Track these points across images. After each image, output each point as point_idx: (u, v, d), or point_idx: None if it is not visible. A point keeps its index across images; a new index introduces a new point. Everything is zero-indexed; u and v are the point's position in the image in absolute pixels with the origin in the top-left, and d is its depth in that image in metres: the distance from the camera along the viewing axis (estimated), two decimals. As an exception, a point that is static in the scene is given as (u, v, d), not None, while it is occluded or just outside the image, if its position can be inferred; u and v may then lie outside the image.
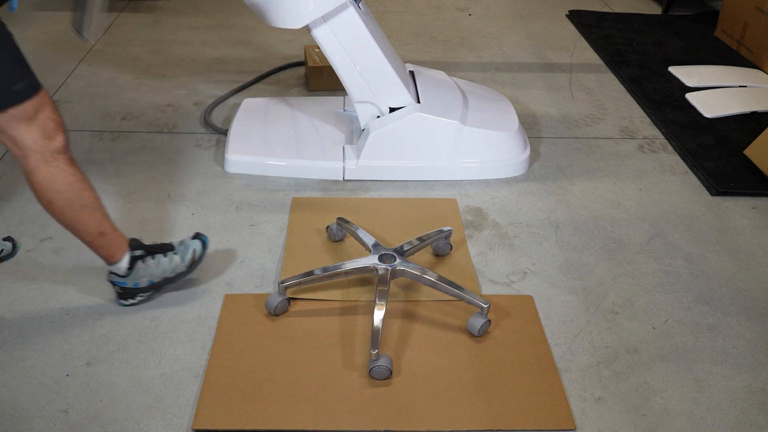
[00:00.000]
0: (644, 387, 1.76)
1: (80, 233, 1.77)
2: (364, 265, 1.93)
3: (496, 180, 2.57)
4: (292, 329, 1.88)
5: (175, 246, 1.95)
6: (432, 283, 1.91)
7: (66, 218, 1.73)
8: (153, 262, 1.89)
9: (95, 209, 1.76)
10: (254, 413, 1.64)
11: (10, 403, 1.65)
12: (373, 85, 2.44)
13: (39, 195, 1.68)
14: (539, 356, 1.82)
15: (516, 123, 2.64)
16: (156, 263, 1.90)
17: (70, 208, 1.71)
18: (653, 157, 2.79)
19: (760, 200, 2.53)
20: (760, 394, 1.76)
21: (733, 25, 3.80)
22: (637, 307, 2.02)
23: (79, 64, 3.35)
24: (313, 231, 2.26)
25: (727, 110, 3.09)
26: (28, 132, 1.60)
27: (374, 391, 1.71)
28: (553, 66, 3.57)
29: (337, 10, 2.27)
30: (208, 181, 2.49)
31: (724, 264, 2.21)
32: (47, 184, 1.66)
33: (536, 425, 1.64)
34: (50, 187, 1.66)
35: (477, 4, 4.41)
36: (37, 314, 1.90)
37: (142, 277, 1.89)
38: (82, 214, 1.73)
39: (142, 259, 1.88)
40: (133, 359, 1.78)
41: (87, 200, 1.73)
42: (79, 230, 1.76)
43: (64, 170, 1.67)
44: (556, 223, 2.36)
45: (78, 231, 1.77)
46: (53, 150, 1.65)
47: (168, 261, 1.91)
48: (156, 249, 1.92)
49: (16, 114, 1.57)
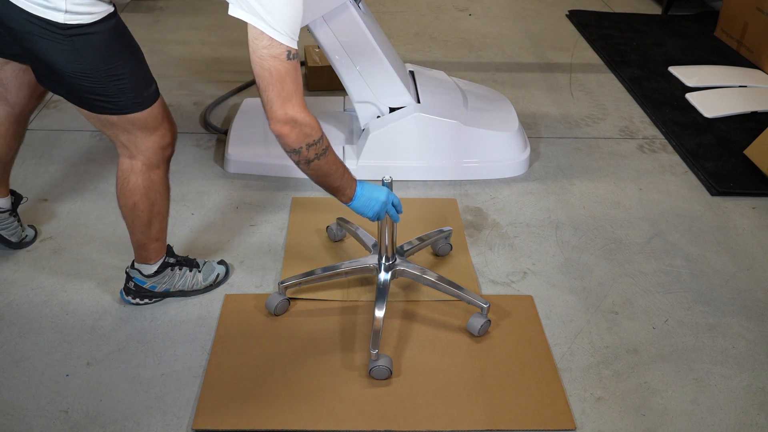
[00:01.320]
0: (644, 387, 1.76)
1: (139, 235, 1.79)
2: (364, 265, 1.93)
3: (496, 180, 2.57)
4: (292, 329, 1.88)
5: (200, 265, 1.96)
6: (432, 283, 1.91)
7: (139, 220, 1.75)
8: (179, 273, 1.92)
9: (164, 218, 1.81)
10: (254, 413, 1.64)
11: (10, 403, 1.65)
12: (373, 85, 2.44)
13: (128, 195, 1.70)
14: (539, 356, 1.82)
15: (516, 123, 2.64)
16: (181, 275, 1.92)
17: (149, 212, 1.74)
18: (653, 157, 2.79)
19: (760, 200, 2.53)
20: (760, 394, 1.76)
21: (733, 25, 3.80)
22: (637, 307, 2.02)
23: (79, 64, 3.35)
24: (313, 231, 2.26)
25: (727, 110, 3.09)
26: (148, 139, 1.63)
27: (374, 391, 1.71)
28: (553, 66, 3.57)
29: (337, 11, 2.27)
30: (208, 181, 2.49)
31: (724, 264, 2.21)
32: (143, 189, 1.69)
33: (536, 425, 1.64)
34: (144, 192, 1.70)
35: (477, 4, 4.41)
36: (37, 314, 1.90)
37: (163, 284, 1.90)
38: (155, 221, 1.77)
39: (172, 267, 1.90)
40: (133, 359, 1.78)
41: (164, 209, 1.78)
42: (141, 233, 1.78)
43: (162, 179, 1.72)
44: (556, 223, 2.36)
45: (138, 233, 1.79)
46: (162, 159, 1.69)
47: (191, 276, 1.93)
48: (184, 261, 1.93)
49: (142, 119, 1.59)
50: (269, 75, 1.38)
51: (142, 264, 1.86)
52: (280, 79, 1.38)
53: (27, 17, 1.40)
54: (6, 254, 2.10)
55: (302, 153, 1.48)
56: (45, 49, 1.44)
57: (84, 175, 2.50)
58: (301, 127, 1.44)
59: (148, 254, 1.84)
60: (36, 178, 2.47)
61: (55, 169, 2.53)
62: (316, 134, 1.47)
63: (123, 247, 2.15)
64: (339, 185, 1.59)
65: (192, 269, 1.94)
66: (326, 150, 1.51)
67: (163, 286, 1.90)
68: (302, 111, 1.43)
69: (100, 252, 2.13)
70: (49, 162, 2.57)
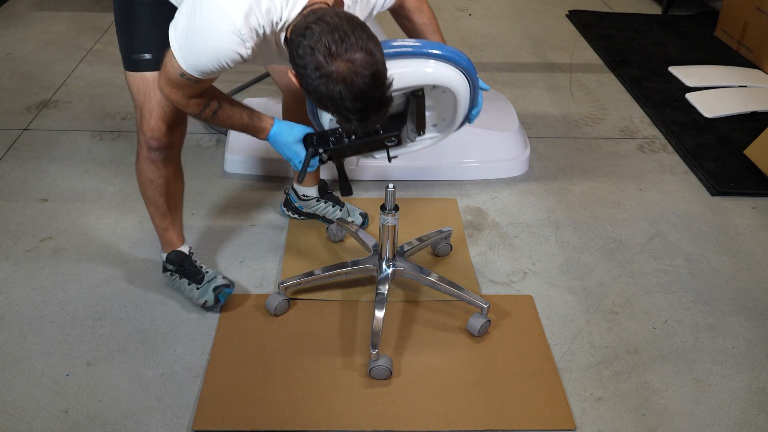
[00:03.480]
0: (644, 387, 1.76)
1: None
2: (364, 265, 1.93)
3: (496, 180, 2.57)
4: (292, 329, 1.88)
5: (204, 279, 1.92)
6: (432, 283, 1.91)
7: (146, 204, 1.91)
8: (178, 281, 1.93)
9: (158, 213, 1.90)
10: (254, 413, 1.64)
11: (10, 403, 1.65)
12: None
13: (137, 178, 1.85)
14: (539, 356, 1.82)
15: (516, 123, 2.64)
16: (180, 283, 1.93)
17: (145, 200, 1.90)
18: (653, 157, 2.79)
19: (760, 200, 2.53)
20: (760, 394, 1.76)
21: (733, 25, 3.80)
22: (637, 307, 2.02)
23: (79, 64, 3.35)
24: (313, 231, 2.26)
25: (727, 110, 3.09)
26: (139, 116, 1.74)
27: (374, 391, 1.71)
28: (553, 66, 3.57)
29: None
30: (208, 181, 2.49)
31: (724, 264, 2.20)
32: (138, 175, 1.84)
33: (536, 425, 1.64)
34: (139, 179, 1.85)
35: (477, 4, 4.41)
36: (37, 314, 1.90)
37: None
38: (151, 211, 1.91)
39: (171, 273, 1.94)
40: (133, 359, 1.78)
41: (155, 203, 1.89)
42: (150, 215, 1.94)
43: (145, 171, 1.84)
44: (556, 223, 2.36)
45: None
46: (146, 146, 1.79)
47: (189, 290, 1.92)
48: (189, 273, 1.93)
49: (133, 84, 1.69)
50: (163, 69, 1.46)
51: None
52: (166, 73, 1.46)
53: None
54: (6, 254, 2.10)
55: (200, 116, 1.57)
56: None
57: (84, 175, 2.50)
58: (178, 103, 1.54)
59: (162, 239, 1.94)
60: (36, 178, 2.47)
61: (55, 169, 2.53)
62: (195, 109, 1.54)
63: (123, 246, 2.15)
64: (248, 130, 1.64)
65: (191, 283, 1.92)
66: (219, 108, 1.57)
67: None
68: (175, 95, 1.51)
69: (100, 252, 2.13)
70: (49, 162, 2.57)
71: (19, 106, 2.94)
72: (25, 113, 2.89)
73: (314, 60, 1.24)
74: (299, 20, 1.32)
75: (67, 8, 4.05)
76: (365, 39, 1.26)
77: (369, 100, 1.28)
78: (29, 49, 3.51)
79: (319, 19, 1.26)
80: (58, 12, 3.99)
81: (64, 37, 3.66)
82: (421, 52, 1.51)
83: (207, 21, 1.34)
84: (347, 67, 1.24)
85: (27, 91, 3.08)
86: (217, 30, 1.33)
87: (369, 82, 1.26)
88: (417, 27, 1.70)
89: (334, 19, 1.26)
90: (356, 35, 1.25)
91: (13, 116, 2.87)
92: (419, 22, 1.68)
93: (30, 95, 3.04)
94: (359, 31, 1.26)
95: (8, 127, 2.78)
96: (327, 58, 1.23)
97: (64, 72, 3.27)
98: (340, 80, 1.24)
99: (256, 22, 1.33)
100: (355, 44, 1.24)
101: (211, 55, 1.37)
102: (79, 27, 3.80)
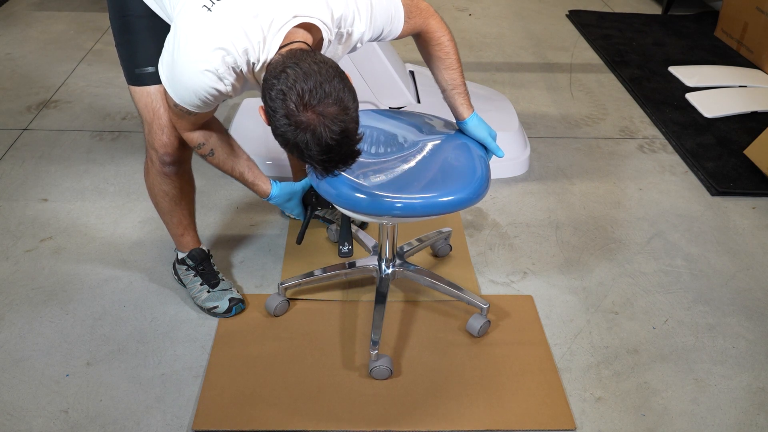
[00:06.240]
0: (644, 387, 1.76)
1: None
2: (364, 265, 1.93)
3: (496, 180, 2.57)
4: (292, 329, 1.88)
5: (218, 286, 1.92)
6: (431, 283, 1.91)
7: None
8: (192, 278, 1.93)
9: (171, 221, 1.92)
10: (254, 413, 1.64)
11: (10, 403, 1.65)
12: (373, 85, 2.44)
13: (148, 189, 1.85)
14: (539, 356, 1.82)
15: (516, 123, 2.64)
16: (192, 280, 1.93)
17: (158, 210, 1.91)
18: (653, 157, 2.79)
19: (760, 200, 2.53)
20: (760, 394, 1.76)
21: (733, 25, 3.80)
22: (637, 307, 2.02)
23: (79, 64, 3.36)
24: (313, 231, 2.25)
25: (727, 110, 3.09)
26: (147, 130, 1.72)
27: (374, 391, 1.71)
28: (553, 66, 3.57)
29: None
30: (208, 181, 2.49)
31: (724, 264, 2.21)
32: (148, 188, 1.85)
33: (536, 425, 1.64)
34: (150, 191, 1.86)
35: (477, 4, 4.41)
36: (37, 314, 1.90)
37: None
38: (164, 219, 1.92)
39: (188, 267, 1.94)
40: (133, 359, 1.78)
41: (168, 211, 1.91)
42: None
43: (154, 183, 1.85)
44: (556, 223, 2.36)
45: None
46: (159, 161, 1.78)
47: (199, 290, 1.92)
48: (206, 274, 1.93)
49: (137, 99, 1.69)
50: (166, 95, 1.49)
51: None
52: (167, 101, 1.50)
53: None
54: (6, 254, 2.10)
55: (198, 151, 1.64)
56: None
57: (84, 175, 2.50)
58: (180, 131, 1.61)
59: (179, 243, 1.95)
60: (36, 178, 2.47)
61: (55, 169, 2.53)
62: (191, 144, 1.62)
63: (123, 246, 2.15)
64: (245, 185, 1.70)
65: (203, 284, 1.92)
66: (211, 153, 1.63)
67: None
68: (177, 123, 1.58)
69: (100, 252, 2.13)
70: (49, 162, 2.57)
71: (19, 106, 2.94)
72: (25, 113, 2.89)
73: (285, 107, 1.21)
74: (276, 59, 1.29)
75: (67, 8, 4.05)
76: (339, 90, 1.22)
77: (335, 154, 1.25)
78: (29, 49, 3.51)
79: (296, 63, 1.22)
80: (57, 12, 3.99)
81: (64, 37, 3.66)
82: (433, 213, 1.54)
83: (186, 58, 1.34)
84: (317, 120, 1.20)
85: (27, 91, 3.08)
86: (195, 67, 1.34)
87: (338, 139, 1.22)
88: (432, 60, 1.66)
89: (311, 66, 1.22)
90: (332, 85, 1.21)
91: (13, 116, 2.87)
92: (435, 56, 1.64)
93: (30, 95, 3.04)
94: (336, 81, 1.22)
95: (8, 127, 2.78)
96: (298, 107, 1.20)
97: (64, 72, 3.27)
98: (308, 131, 1.21)
99: (233, 60, 1.33)
100: (329, 95, 1.20)
101: (191, 90, 1.38)
102: (79, 27, 3.80)
